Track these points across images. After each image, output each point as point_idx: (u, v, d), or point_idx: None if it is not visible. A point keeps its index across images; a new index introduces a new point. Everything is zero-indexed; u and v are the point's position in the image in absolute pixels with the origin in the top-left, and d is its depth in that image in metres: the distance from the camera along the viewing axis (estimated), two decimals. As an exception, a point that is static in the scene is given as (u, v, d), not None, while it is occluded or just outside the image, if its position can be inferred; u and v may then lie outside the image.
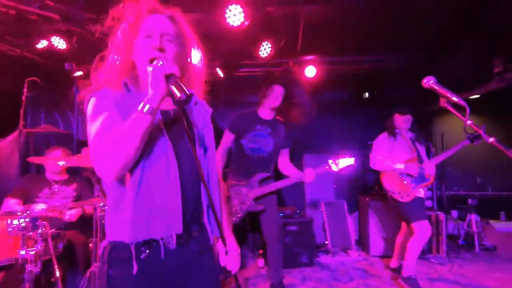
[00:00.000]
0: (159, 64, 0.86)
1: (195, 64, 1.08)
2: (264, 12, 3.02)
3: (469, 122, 1.34)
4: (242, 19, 2.62)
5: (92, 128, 0.90)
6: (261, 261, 3.31)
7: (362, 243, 3.96)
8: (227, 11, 2.60)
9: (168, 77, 0.85)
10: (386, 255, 3.58)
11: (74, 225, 2.39)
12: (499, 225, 4.23)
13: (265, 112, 2.51)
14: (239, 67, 4.60)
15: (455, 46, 3.69)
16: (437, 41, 3.76)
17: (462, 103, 1.37)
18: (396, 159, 2.78)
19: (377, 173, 4.83)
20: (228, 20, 2.64)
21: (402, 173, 2.74)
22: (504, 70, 3.14)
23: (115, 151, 0.83)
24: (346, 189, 4.48)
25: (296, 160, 4.37)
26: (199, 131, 1.07)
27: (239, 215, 2.50)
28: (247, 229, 3.64)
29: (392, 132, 2.87)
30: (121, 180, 0.93)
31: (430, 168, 2.69)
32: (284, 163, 2.65)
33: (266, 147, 2.52)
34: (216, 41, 3.62)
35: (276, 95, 2.42)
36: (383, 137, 2.95)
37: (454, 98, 1.38)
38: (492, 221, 4.27)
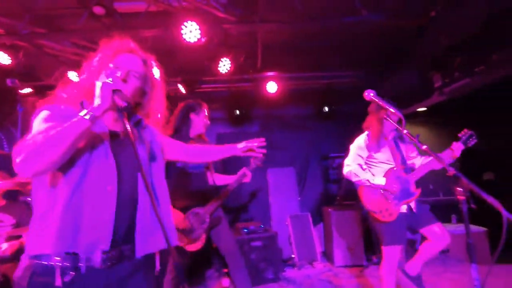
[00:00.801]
0: (109, 81, 0.94)
1: (157, 105, 1.21)
2: (222, 29, 3.09)
3: (405, 131, 1.43)
4: (199, 36, 2.64)
5: (31, 133, 0.90)
6: (226, 281, 3.21)
7: (327, 254, 4.01)
8: (183, 27, 2.61)
9: (115, 92, 0.94)
10: (350, 265, 3.65)
11: (11, 258, 2.15)
12: (451, 227, 4.52)
13: (194, 130, 2.51)
14: (201, 83, 4.60)
15: (401, 63, 4.02)
16: (385, 59, 4.09)
17: (398, 114, 1.47)
18: (377, 170, 2.35)
19: (339, 183, 5.04)
20: (184, 36, 2.65)
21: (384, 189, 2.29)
22: (442, 85, 3.46)
23: (44, 146, 0.83)
24: (310, 201, 4.57)
25: (260, 174, 4.41)
26: (146, 153, 1.11)
27: (204, 236, 2.42)
28: (210, 249, 3.53)
29: (377, 136, 2.32)
30: (54, 190, 0.90)
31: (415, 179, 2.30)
32: (217, 176, 2.65)
33: (201, 163, 2.52)
34: (176, 57, 3.63)
35: (205, 113, 2.49)
36: (363, 140, 2.41)
37: (392, 110, 1.49)
38: (444, 225, 4.56)
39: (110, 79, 0.93)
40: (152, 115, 1.20)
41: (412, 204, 2.29)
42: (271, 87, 4.38)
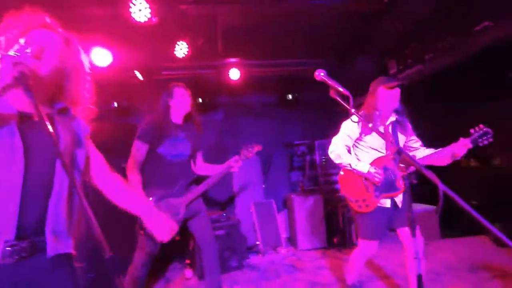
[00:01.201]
0: (13, 53, 0.82)
1: (81, 89, 1.09)
2: (177, 10, 2.91)
3: (352, 110, 1.44)
4: (149, 15, 2.45)
5: None
6: (188, 272, 3.14)
7: (292, 239, 4.08)
8: (131, 5, 2.41)
9: (16, 64, 0.81)
10: (313, 248, 3.75)
11: None
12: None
13: (176, 115, 2.37)
14: (160, 70, 4.37)
15: (360, 50, 4.11)
16: (346, 46, 4.15)
17: (346, 93, 1.47)
18: (365, 156, 2.10)
19: (303, 170, 5.13)
20: (133, 15, 2.45)
21: (366, 177, 2.04)
22: (397, 71, 3.59)
23: None
24: (275, 188, 4.59)
25: (222, 162, 4.34)
26: (67, 143, 0.99)
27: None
28: (174, 239, 3.42)
29: (370, 118, 2.00)
30: None
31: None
32: (202, 165, 2.55)
33: (186, 151, 2.40)
34: (131, 40, 3.38)
35: (180, 93, 2.35)
36: (356, 118, 2.15)
37: (340, 89, 1.48)
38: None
39: (14, 52, 0.81)
40: (78, 102, 1.08)
41: (398, 199, 2.05)
42: (234, 74, 4.28)
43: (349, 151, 2.15)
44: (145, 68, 4.10)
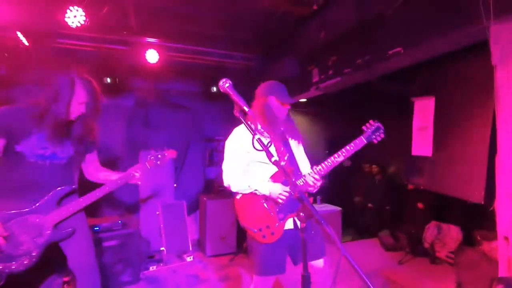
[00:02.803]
0: None
1: None
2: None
3: (257, 136, 1.23)
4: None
5: None
6: (67, 291, 2.61)
7: (201, 244, 3.85)
8: None
9: None
10: (220, 254, 3.59)
11: None
12: (315, 207, 5.07)
13: (66, 111, 1.80)
14: (56, 37, 3.53)
15: (286, 51, 4.03)
16: (274, 44, 4.02)
17: (246, 110, 1.26)
18: (258, 172, 1.75)
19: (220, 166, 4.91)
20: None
21: (267, 198, 1.70)
22: (319, 80, 3.61)
23: None
24: (189, 188, 4.26)
25: (130, 157, 3.80)
26: None
27: (33, 254, 1.73)
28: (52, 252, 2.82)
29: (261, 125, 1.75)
30: None
31: (310, 183, 1.70)
32: (96, 170, 2.03)
33: (63, 152, 1.83)
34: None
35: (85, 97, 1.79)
36: (240, 133, 1.80)
37: (245, 108, 1.27)
38: (311, 205, 5.10)
39: None
40: None
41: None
42: (152, 56, 3.75)
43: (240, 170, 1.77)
44: (33, 32, 3.25)
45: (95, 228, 2.68)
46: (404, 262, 3.40)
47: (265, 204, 1.71)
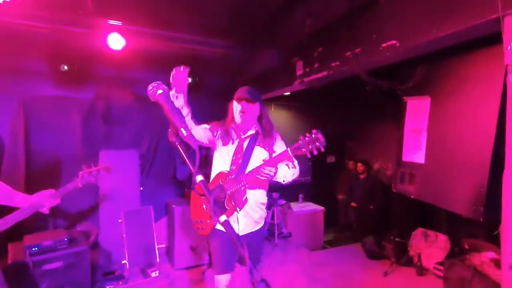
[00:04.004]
0: None
1: None
2: None
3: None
4: None
5: None
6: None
7: (169, 254, 3.47)
8: None
9: None
10: (191, 266, 3.23)
11: None
12: (298, 206, 4.81)
13: None
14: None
15: (268, 42, 3.64)
16: (251, 33, 3.60)
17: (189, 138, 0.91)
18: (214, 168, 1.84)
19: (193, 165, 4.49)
20: None
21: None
22: (303, 74, 3.25)
23: None
24: (158, 191, 3.82)
25: (89, 159, 3.31)
26: None
27: None
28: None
29: (227, 125, 1.85)
30: None
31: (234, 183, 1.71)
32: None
33: None
34: None
35: None
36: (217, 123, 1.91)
37: (183, 131, 0.90)
38: (292, 204, 4.84)
39: None
40: None
41: (236, 225, 1.72)
42: (115, 41, 3.23)
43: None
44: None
45: (34, 249, 2.22)
46: (389, 272, 3.18)
47: (203, 200, 1.77)
